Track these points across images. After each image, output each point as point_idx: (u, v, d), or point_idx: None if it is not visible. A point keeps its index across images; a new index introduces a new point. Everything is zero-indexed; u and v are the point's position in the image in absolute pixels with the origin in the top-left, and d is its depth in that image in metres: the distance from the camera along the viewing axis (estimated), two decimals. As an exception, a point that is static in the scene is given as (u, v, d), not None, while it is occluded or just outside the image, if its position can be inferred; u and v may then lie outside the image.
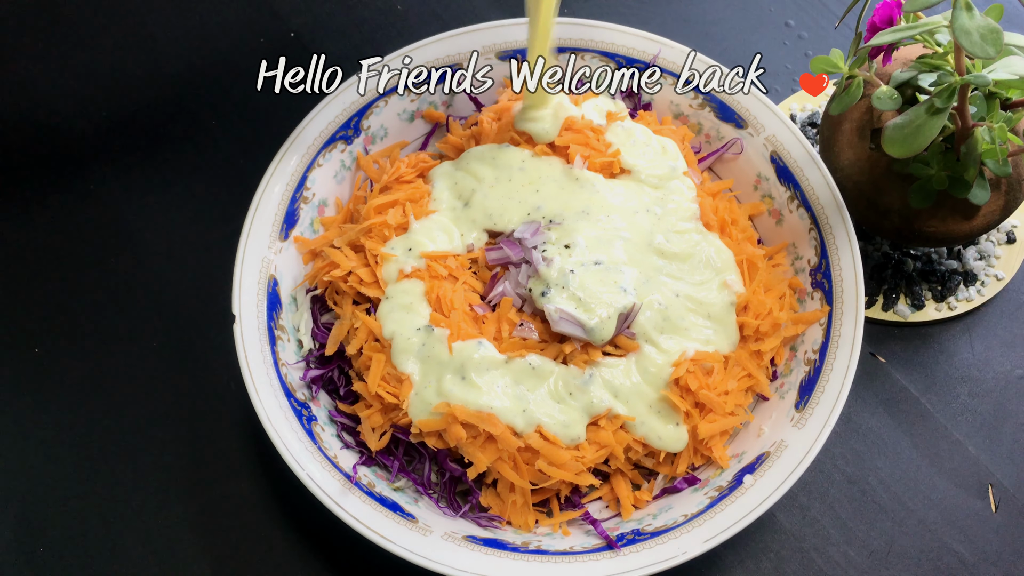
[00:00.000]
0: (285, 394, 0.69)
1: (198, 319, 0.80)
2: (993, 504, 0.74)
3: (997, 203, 0.72)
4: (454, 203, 0.74)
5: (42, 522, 0.73)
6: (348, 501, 0.65)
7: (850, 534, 0.73)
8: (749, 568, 0.72)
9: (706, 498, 0.67)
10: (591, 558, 0.65)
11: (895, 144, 0.66)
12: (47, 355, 0.80)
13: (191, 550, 0.72)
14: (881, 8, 0.67)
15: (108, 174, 0.88)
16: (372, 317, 0.70)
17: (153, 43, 0.95)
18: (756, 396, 0.73)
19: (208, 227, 0.85)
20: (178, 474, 0.75)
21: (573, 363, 0.68)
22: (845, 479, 0.75)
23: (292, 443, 0.66)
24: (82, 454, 0.75)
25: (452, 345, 0.67)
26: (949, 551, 0.72)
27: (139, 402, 0.77)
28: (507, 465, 0.66)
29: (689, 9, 0.99)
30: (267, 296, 0.72)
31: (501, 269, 0.71)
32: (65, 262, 0.84)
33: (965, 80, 0.63)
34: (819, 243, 0.74)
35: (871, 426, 0.77)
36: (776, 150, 0.77)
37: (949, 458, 0.76)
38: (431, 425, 0.66)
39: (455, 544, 0.64)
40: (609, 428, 0.67)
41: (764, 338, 0.72)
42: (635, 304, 0.68)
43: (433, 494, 0.70)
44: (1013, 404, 0.78)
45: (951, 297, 0.81)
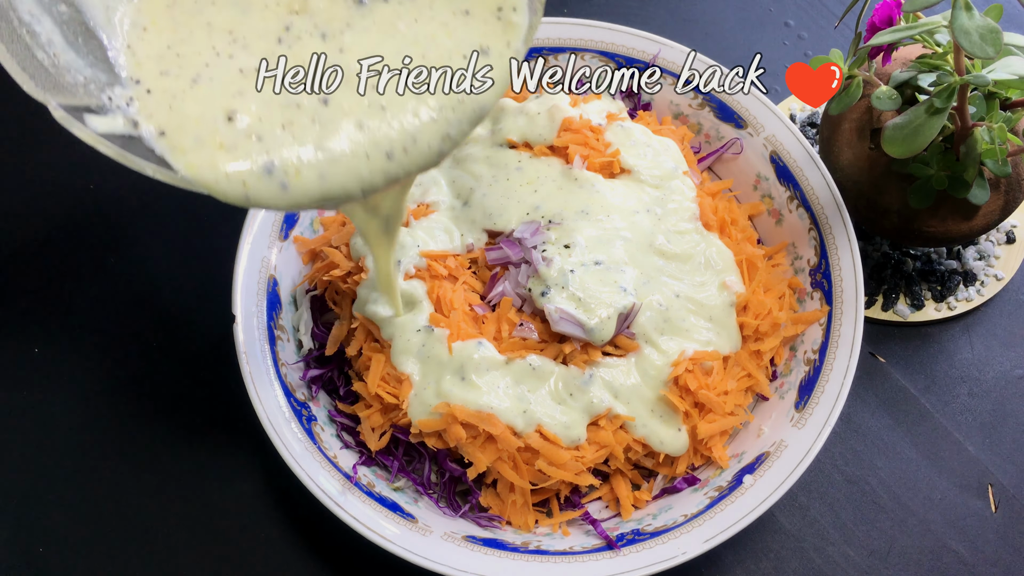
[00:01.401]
0: (285, 394, 0.69)
1: (198, 319, 0.80)
2: (993, 504, 0.74)
3: (996, 203, 0.72)
4: (453, 202, 0.74)
5: (42, 522, 0.73)
6: (348, 501, 0.65)
7: (850, 534, 0.73)
8: (749, 568, 0.72)
9: (706, 498, 0.67)
10: (591, 558, 0.65)
11: (895, 144, 0.66)
12: (47, 355, 0.80)
13: (191, 550, 0.72)
14: (881, 8, 0.67)
15: (108, 174, 0.88)
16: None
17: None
18: (756, 396, 0.73)
19: (208, 227, 0.85)
20: (178, 474, 0.75)
21: (573, 363, 0.68)
22: (845, 479, 0.75)
23: (292, 443, 0.66)
24: (82, 454, 0.75)
25: (452, 345, 0.67)
26: (949, 551, 0.72)
27: (139, 402, 0.77)
28: (507, 465, 0.66)
29: (689, 9, 0.99)
30: (267, 296, 0.72)
31: (501, 269, 0.71)
32: (65, 262, 0.84)
33: (965, 80, 0.63)
34: (819, 243, 0.74)
35: (871, 426, 0.77)
36: (776, 150, 0.77)
37: (949, 458, 0.76)
38: (431, 425, 0.66)
39: (455, 544, 0.64)
40: (609, 428, 0.67)
41: (764, 338, 0.72)
42: (635, 304, 0.68)
43: (433, 494, 0.70)
44: (1013, 404, 0.78)
45: (951, 297, 0.81)
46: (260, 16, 0.51)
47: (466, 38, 0.52)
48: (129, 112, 0.48)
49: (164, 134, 0.48)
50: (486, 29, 0.52)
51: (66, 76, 0.47)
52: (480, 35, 0.52)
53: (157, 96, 0.49)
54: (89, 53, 0.49)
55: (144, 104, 0.49)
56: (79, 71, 0.48)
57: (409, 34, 0.51)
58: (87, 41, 0.49)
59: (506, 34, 0.52)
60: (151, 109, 0.48)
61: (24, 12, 0.47)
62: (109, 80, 0.49)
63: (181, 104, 0.49)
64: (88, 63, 0.48)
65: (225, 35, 0.51)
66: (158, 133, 0.48)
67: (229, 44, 0.50)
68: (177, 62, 0.50)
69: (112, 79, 0.49)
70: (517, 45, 0.52)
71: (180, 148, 0.47)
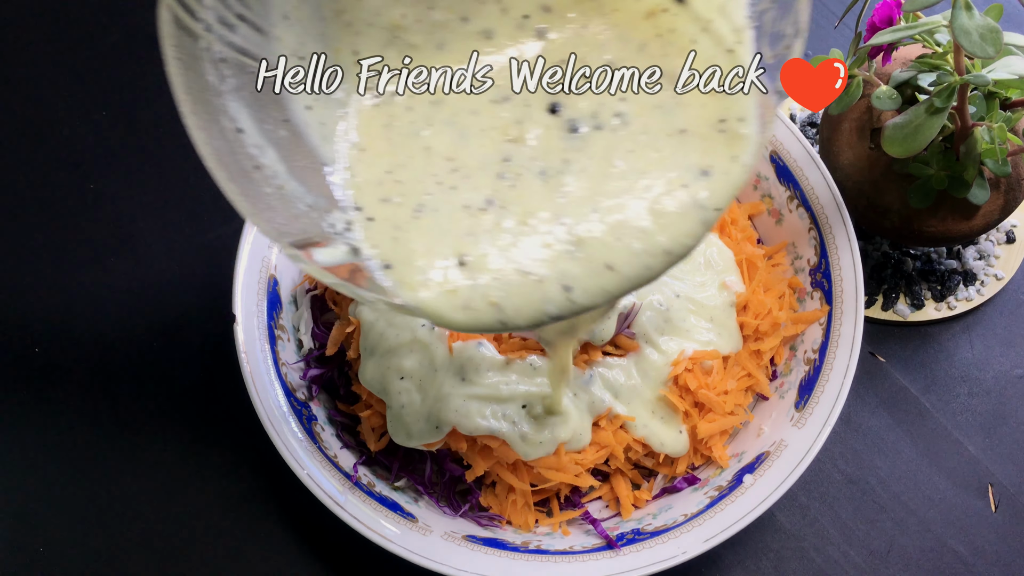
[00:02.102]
0: (285, 394, 0.69)
1: (198, 319, 0.80)
2: (993, 504, 0.74)
3: (996, 203, 0.72)
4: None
5: (42, 522, 0.73)
6: (348, 501, 0.65)
7: (850, 534, 0.73)
8: (749, 568, 0.72)
9: (706, 498, 0.67)
10: (591, 558, 0.65)
11: (895, 144, 0.66)
12: (47, 355, 0.80)
13: (191, 550, 0.72)
14: (881, 8, 0.67)
15: (108, 174, 0.88)
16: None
17: (153, 43, 0.94)
18: (756, 396, 0.73)
19: (208, 227, 0.85)
20: (178, 474, 0.75)
21: (574, 364, 0.67)
22: (845, 479, 0.75)
23: (292, 443, 0.66)
24: (82, 454, 0.75)
25: (452, 345, 0.67)
26: (949, 551, 0.72)
27: (139, 402, 0.77)
28: (506, 470, 0.66)
29: (689, 9, 0.99)
30: (267, 296, 0.72)
31: (501, 269, 0.71)
32: (65, 262, 0.84)
33: (965, 80, 0.63)
34: (819, 243, 0.74)
35: (871, 426, 0.77)
36: (776, 150, 0.77)
37: (949, 458, 0.76)
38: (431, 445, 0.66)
39: (455, 544, 0.64)
40: (609, 428, 0.67)
41: (764, 338, 0.72)
42: (635, 304, 0.68)
43: (433, 494, 0.70)
44: (1013, 404, 0.78)
45: (951, 297, 0.81)
46: (478, 143, 0.48)
47: (684, 161, 0.46)
48: (350, 239, 0.45)
49: (390, 267, 0.44)
50: (705, 146, 0.46)
51: (292, 208, 0.44)
52: (701, 154, 0.46)
53: (380, 226, 0.45)
54: (307, 179, 0.46)
55: (367, 232, 0.45)
56: (301, 199, 0.45)
57: (628, 170, 0.46)
58: (305, 167, 0.46)
59: (731, 148, 0.46)
60: (375, 239, 0.45)
61: (251, 146, 0.44)
62: (328, 205, 0.46)
63: (406, 237, 0.45)
64: (307, 189, 0.45)
65: (444, 163, 0.47)
66: (383, 265, 0.44)
67: (450, 173, 0.47)
68: (398, 189, 0.46)
69: (331, 204, 0.46)
70: (745, 159, 0.45)
71: (410, 284, 0.44)
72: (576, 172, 0.46)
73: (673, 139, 0.47)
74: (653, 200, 0.45)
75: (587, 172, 0.46)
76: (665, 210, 0.44)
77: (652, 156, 0.46)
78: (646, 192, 0.45)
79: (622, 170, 0.46)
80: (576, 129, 0.48)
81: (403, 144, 0.48)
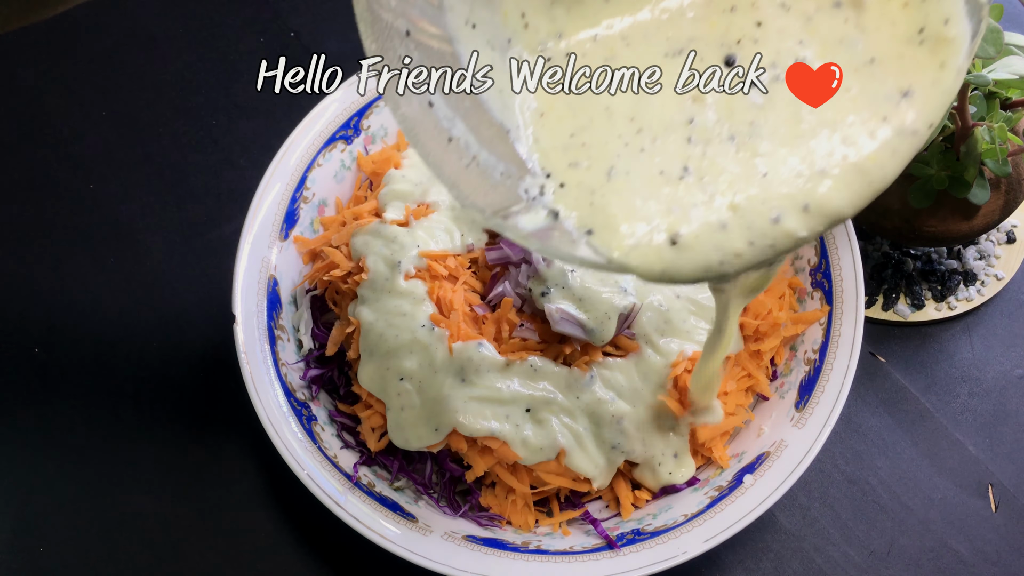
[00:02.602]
0: (285, 394, 0.69)
1: (198, 319, 0.80)
2: (993, 504, 0.74)
3: (997, 203, 0.72)
4: (454, 202, 0.74)
5: (42, 522, 0.73)
6: (348, 501, 0.65)
7: (850, 534, 0.73)
8: (749, 568, 0.72)
9: (706, 498, 0.67)
10: (591, 558, 0.65)
11: (895, 144, 0.66)
12: (47, 355, 0.80)
13: (191, 550, 0.72)
14: (881, 8, 0.67)
15: (108, 174, 0.88)
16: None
17: (153, 43, 0.95)
18: (756, 396, 0.73)
19: (208, 227, 0.85)
20: (178, 474, 0.75)
21: (575, 364, 0.67)
22: (845, 479, 0.75)
23: (292, 443, 0.66)
24: (82, 454, 0.75)
25: (452, 346, 0.67)
26: (949, 551, 0.72)
27: (139, 402, 0.77)
28: (506, 471, 0.66)
29: (689, 9, 0.99)
30: (267, 296, 0.72)
31: (501, 269, 0.71)
32: (65, 262, 0.84)
33: (965, 80, 0.63)
34: (819, 243, 0.74)
35: (871, 426, 0.77)
36: (776, 150, 0.77)
37: (949, 458, 0.76)
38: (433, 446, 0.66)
39: (455, 544, 0.64)
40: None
41: (764, 338, 0.72)
42: (635, 304, 0.68)
43: (433, 494, 0.70)
44: (1013, 404, 0.78)
45: (951, 297, 0.81)
46: (659, 100, 0.47)
47: (880, 91, 0.43)
48: (547, 202, 0.44)
49: (592, 232, 0.44)
50: (901, 66, 0.43)
51: (489, 179, 0.44)
52: (897, 76, 0.43)
53: (573, 191, 0.45)
54: (495, 148, 0.45)
55: (560, 198, 0.45)
56: (495, 168, 0.45)
57: (817, 123, 0.44)
58: (492, 136, 0.46)
59: (935, 55, 0.42)
60: (571, 203, 0.44)
61: (442, 118, 0.44)
62: (520, 172, 0.45)
63: (603, 201, 0.44)
64: (497, 156, 0.45)
65: (627, 123, 0.46)
66: (585, 231, 0.44)
67: (636, 135, 0.46)
68: (585, 153, 0.46)
69: (522, 170, 0.45)
70: (957, 62, 0.42)
71: (620, 247, 0.43)
72: (766, 137, 0.44)
73: (862, 73, 0.44)
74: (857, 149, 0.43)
75: (777, 135, 0.44)
76: (870, 153, 0.42)
77: (842, 99, 0.44)
78: (846, 145, 0.43)
79: (812, 125, 0.44)
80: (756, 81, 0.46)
81: (582, 106, 0.47)
